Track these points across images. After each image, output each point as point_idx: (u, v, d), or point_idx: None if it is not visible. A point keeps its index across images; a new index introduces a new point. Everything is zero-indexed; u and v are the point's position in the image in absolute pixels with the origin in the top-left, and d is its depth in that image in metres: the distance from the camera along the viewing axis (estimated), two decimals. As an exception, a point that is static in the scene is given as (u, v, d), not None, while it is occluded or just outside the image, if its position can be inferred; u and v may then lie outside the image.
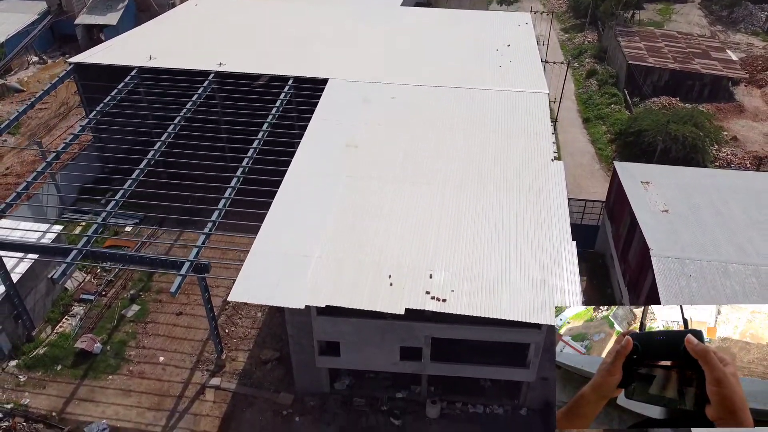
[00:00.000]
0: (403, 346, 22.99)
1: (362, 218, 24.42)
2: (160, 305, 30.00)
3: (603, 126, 45.87)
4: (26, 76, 54.49)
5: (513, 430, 24.46)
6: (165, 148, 29.42)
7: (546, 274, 21.84)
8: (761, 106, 49.26)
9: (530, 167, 27.31)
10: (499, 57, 37.65)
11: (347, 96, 32.52)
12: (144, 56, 36.28)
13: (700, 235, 24.79)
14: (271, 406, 25.35)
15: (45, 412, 25.08)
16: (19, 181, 38.67)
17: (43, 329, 28.40)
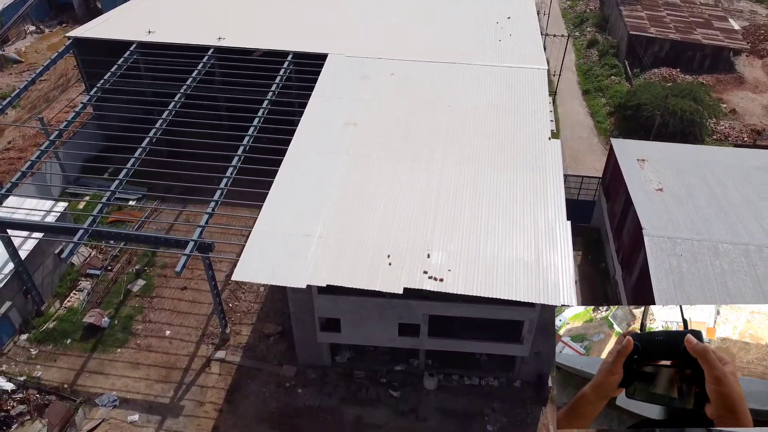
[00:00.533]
0: (401, 322, 23.79)
1: (361, 197, 24.92)
2: (165, 280, 30.74)
3: (602, 98, 45.88)
4: (24, 46, 54.15)
5: (507, 401, 25.46)
6: (166, 126, 29.67)
7: (540, 254, 22.47)
8: (761, 77, 49.15)
9: (528, 145, 27.65)
10: (499, 30, 37.53)
11: (346, 72, 32.61)
12: (143, 30, 36.19)
13: (693, 214, 25.31)
14: (274, 379, 26.30)
15: (57, 384, 26.05)
16: (21, 155, 39.13)
17: (51, 304, 29.21)
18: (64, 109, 43.25)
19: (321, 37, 35.71)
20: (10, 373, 26.25)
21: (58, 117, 42.14)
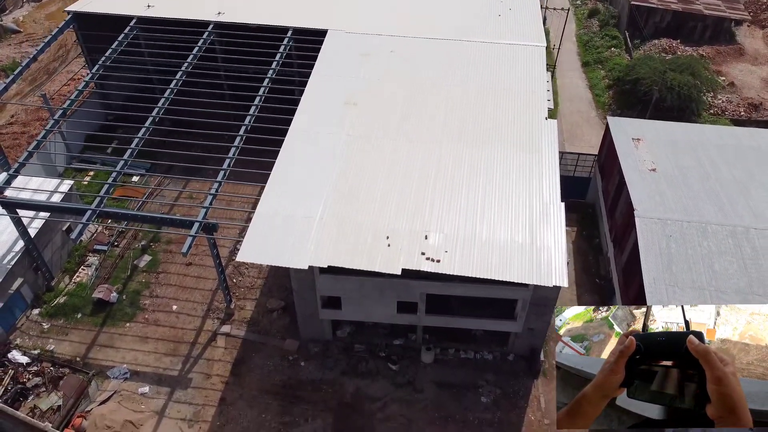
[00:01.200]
0: (400, 301, 24.73)
1: (361, 179, 25.53)
2: (171, 255, 31.60)
3: (602, 70, 45.97)
4: (21, 15, 53.86)
5: (501, 374, 26.62)
6: (168, 105, 30.04)
7: (534, 235, 23.22)
8: (761, 49, 49.09)
9: (525, 125, 28.09)
10: (499, 4, 37.45)
11: (346, 49, 32.78)
12: (142, 3, 36.15)
13: (684, 195, 25.97)
14: (278, 352, 27.41)
15: (69, 357, 27.18)
16: (25, 130, 39.56)
17: (61, 279, 30.13)
18: (66, 82, 43.47)
19: (320, 13, 35.68)
20: (25, 347, 27.34)
21: (60, 90, 42.42)
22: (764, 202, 25.53)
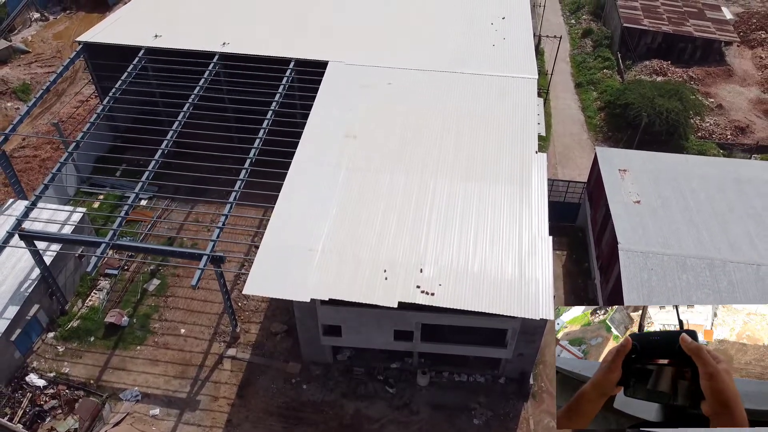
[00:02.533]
0: (396, 329, 26.22)
1: (360, 212, 27.00)
2: (178, 279, 33.06)
3: (594, 92, 47.38)
4: (30, 35, 55.17)
5: (493, 396, 28.10)
6: (176, 137, 31.48)
7: (523, 269, 24.70)
8: (750, 70, 50.48)
9: (515, 159, 29.53)
10: (493, 33, 38.88)
11: (346, 81, 34.20)
12: (150, 33, 37.58)
13: (665, 227, 27.43)
14: (281, 375, 28.89)
15: (84, 379, 28.65)
16: (36, 153, 41.03)
17: (74, 303, 31.62)
18: (75, 105, 44.88)
19: (321, 43, 37.07)
20: (41, 370, 28.83)
21: (69, 113, 43.83)
22: (741, 235, 26.99)
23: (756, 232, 27.05)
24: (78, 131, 40.67)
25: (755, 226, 27.36)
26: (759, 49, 52.65)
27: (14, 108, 45.79)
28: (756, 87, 48.55)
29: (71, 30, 56.28)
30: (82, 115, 42.52)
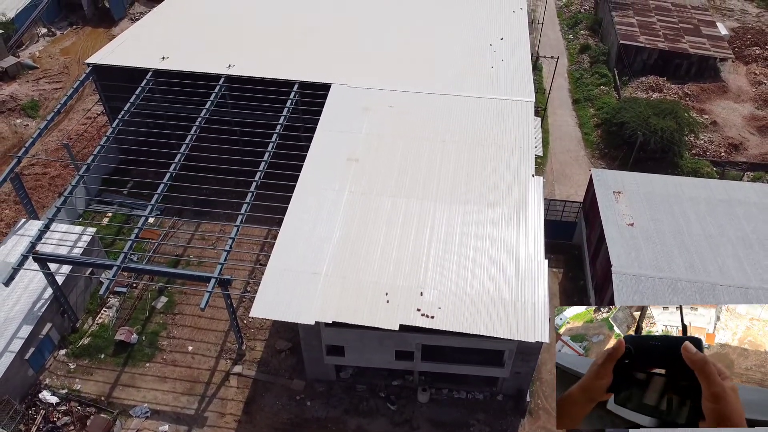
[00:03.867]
0: (397, 350, 27.18)
1: (362, 236, 27.96)
2: (186, 297, 34.01)
3: (591, 108, 48.34)
4: (37, 50, 56.15)
5: (491, 413, 29.05)
6: (184, 160, 32.47)
7: (519, 292, 25.67)
8: (744, 86, 51.42)
9: (513, 182, 30.49)
10: (492, 54, 39.85)
11: (348, 103, 35.18)
12: (156, 55, 38.58)
13: (658, 250, 28.37)
14: (286, 392, 29.85)
15: (95, 396, 29.62)
16: (46, 171, 42.01)
17: (85, 320, 32.59)
18: (82, 121, 45.88)
19: (324, 66, 38.02)
20: (53, 387, 29.80)
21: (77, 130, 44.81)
22: (731, 258, 27.94)
23: (745, 255, 28.00)
24: (87, 149, 41.94)
25: (744, 249, 28.30)
26: (753, 65, 53.61)
27: (24, 125, 46.84)
28: (750, 103, 49.49)
29: (78, 45, 57.34)
30: (91, 132, 43.52)
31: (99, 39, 57.76)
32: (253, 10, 44.68)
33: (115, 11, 60.08)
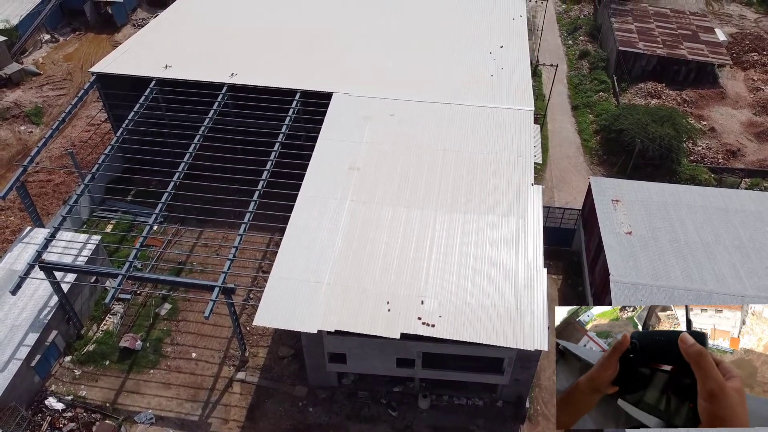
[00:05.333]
0: (399, 357, 27.57)
1: (364, 245, 28.35)
2: (189, 304, 34.42)
3: (590, 115, 48.72)
4: (40, 56, 56.59)
5: (490, 419, 29.43)
6: (187, 169, 32.87)
7: (519, 300, 26.06)
8: (742, 92, 51.81)
9: (512, 191, 30.87)
10: (492, 62, 40.27)
11: (350, 112, 35.59)
12: (159, 64, 39.01)
13: (655, 258, 28.75)
14: (288, 398, 30.23)
15: (100, 402, 30.00)
16: (50, 178, 42.41)
17: (90, 327, 32.98)
18: (85, 128, 46.30)
19: (326, 75, 38.43)
20: (59, 393, 30.19)
21: (81, 137, 45.24)
22: (727, 266, 28.32)
23: (741, 263, 28.38)
24: (91, 156, 42.37)
25: (740, 258, 28.68)
26: (751, 71, 54.03)
27: (28, 131, 47.26)
28: (748, 109, 49.89)
29: (81, 51, 57.78)
30: (95, 140, 43.91)
31: (102, 45, 58.28)
32: (255, 19, 45.16)
33: (118, 17, 60.57)
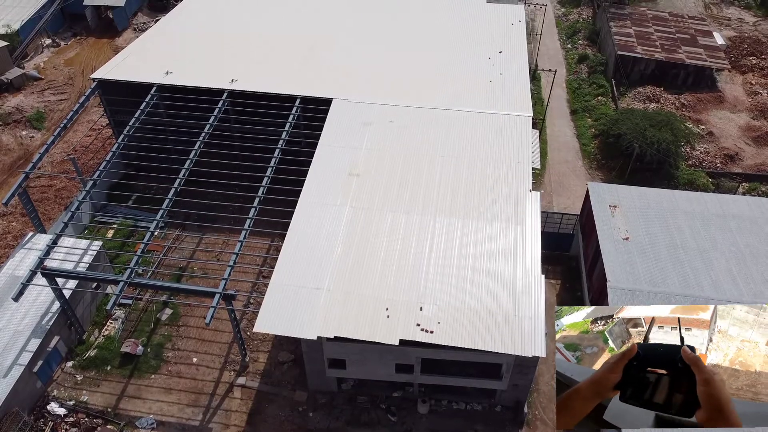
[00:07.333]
0: (398, 363, 27.80)
1: (363, 251, 28.57)
2: (190, 309, 34.65)
3: (589, 119, 48.95)
4: (42, 61, 56.85)
5: (489, 424, 29.66)
6: (188, 175, 33.12)
7: (517, 307, 26.27)
8: (740, 96, 52.01)
9: (510, 197, 31.07)
10: (491, 68, 40.50)
11: (349, 118, 35.82)
12: (160, 70, 39.26)
13: (652, 265, 28.97)
14: (289, 403, 30.47)
15: (102, 408, 30.24)
16: (51, 183, 42.67)
17: (91, 332, 33.22)
18: (87, 133, 46.53)
19: (325, 81, 38.66)
20: (61, 398, 30.43)
21: (83, 142, 45.47)
22: (724, 272, 28.54)
23: (737, 269, 28.59)
24: (93, 161, 42.63)
25: (736, 264, 28.89)
26: (750, 75, 54.24)
27: (29, 136, 47.52)
28: (746, 113, 50.10)
29: (82, 56, 58.05)
30: (96, 145, 44.15)
31: (103, 49, 58.58)
32: (256, 25, 45.40)
33: (119, 22, 60.84)
